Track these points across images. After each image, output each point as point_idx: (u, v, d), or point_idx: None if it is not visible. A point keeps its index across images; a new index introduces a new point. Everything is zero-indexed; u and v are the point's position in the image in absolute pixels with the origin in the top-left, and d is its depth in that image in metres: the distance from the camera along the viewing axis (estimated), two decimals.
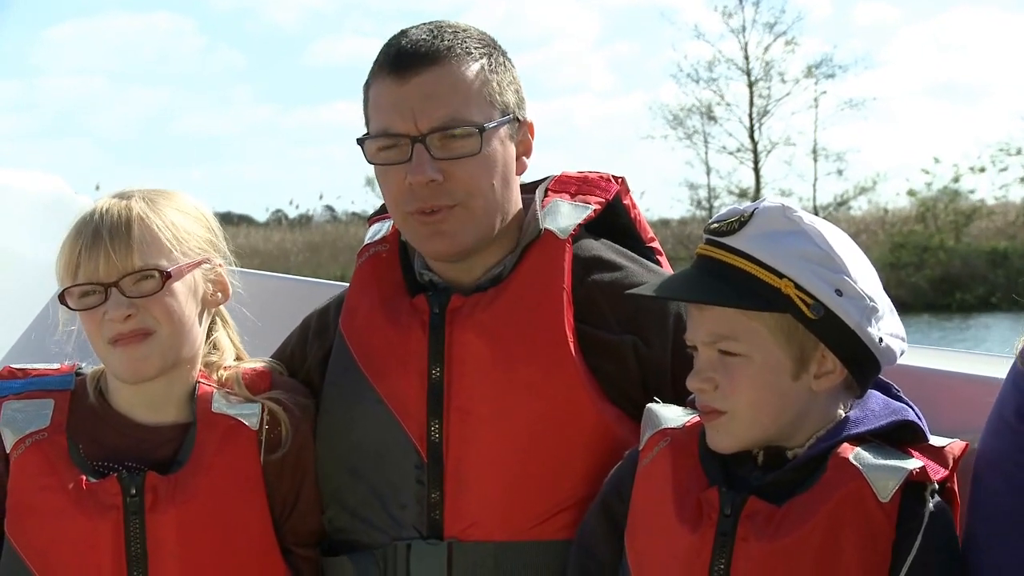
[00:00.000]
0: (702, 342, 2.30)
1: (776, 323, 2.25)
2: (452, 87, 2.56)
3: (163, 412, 2.63)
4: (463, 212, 2.58)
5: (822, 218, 2.34)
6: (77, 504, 2.51)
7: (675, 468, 2.35)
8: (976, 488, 2.27)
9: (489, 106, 2.59)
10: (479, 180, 2.58)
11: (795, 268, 2.24)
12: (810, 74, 39.49)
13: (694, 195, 40.53)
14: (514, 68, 2.68)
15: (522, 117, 2.67)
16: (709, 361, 2.29)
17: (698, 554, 2.25)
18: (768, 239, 2.26)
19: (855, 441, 2.27)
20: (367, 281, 2.73)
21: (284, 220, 43.85)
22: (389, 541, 2.59)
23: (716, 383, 2.28)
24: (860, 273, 2.27)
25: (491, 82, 2.60)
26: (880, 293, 2.31)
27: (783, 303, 2.24)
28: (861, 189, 39.45)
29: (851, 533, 2.20)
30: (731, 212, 2.33)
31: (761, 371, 2.26)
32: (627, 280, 2.66)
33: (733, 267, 2.27)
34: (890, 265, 33.07)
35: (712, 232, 2.32)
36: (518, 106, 2.66)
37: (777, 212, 2.28)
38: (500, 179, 2.61)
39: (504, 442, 2.55)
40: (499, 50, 2.66)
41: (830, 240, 2.27)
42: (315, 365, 2.79)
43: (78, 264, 2.54)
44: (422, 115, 2.55)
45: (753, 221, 2.27)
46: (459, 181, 2.56)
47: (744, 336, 2.26)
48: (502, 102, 2.61)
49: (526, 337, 2.56)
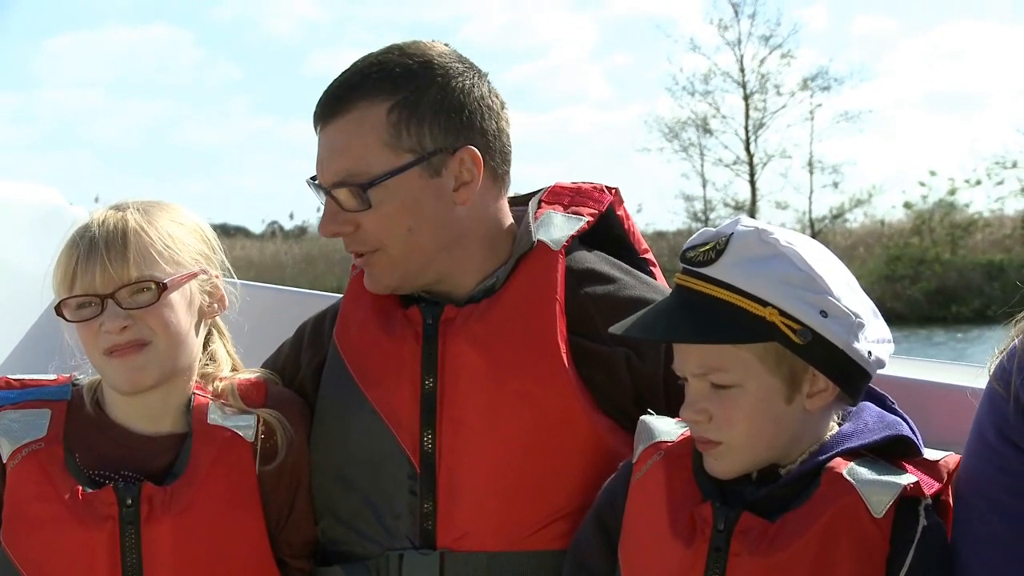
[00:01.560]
0: (692, 374, 2.28)
1: (765, 350, 2.23)
2: (346, 141, 2.59)
3: (159, 423, 2.63)
4: (382, 256, 2.63)
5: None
6: (73, 514, 2.51)
7: (669, 482, 2.34)
8: (959, 508, 2.26)
9: (392, 153, 2.57)
10: (386, 230, 2.60)
11: (778, 295, 2.21)
12: (806, 87, 39.56)
13: (690, 207, 40.49)
14: (457, 92, 2.60)
15: (454, 148, 2.60)
16: (701, 392, 2.27)
17: (691, 569, 2.24)
18: (748, 266, 2.23)
19: (849, 456, 2.26)
20: (361, 292, 2.74)
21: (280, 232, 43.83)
22: (382, 551, 2.59)
23: (710, 414, 2.26)
24: (841, 288, 2.25)
25: (400, 123, 2.57)
26: (862, 301, 2.28)
27: (769, 332, 2.21)
28: (857, 201, 39.38)
29: (845, 548, 2.19)
30: (704, 238, 2.29)
31: (755, 400, 2.25)
32: (620, 293, 2.67)
33: (715, 299, 2.24)
34: (886, 278, 33.05)
35: (689, 262, 2.29)
36: (445, 139, 2.59)
37: (753, 236, 2.24)
38: (417, 221, 2.60)
39: (497, 452, 2.55)
40: (429, 78, 2.59)
41: (808, 260, 2.24)
42: (308, 375, 2.79)
43: (74, 276, 2.55)
44: (324, 170, 2.61)
45: (730, 248, 2.24)
46: (367, 232, 2.61)
47: (734, 367, 2.24)
48: (415, 143, 2.58)
49: (519, 348, 2.57)
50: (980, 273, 33.40)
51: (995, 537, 2.17)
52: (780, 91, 39.64)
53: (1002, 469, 2.17)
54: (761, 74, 39.49)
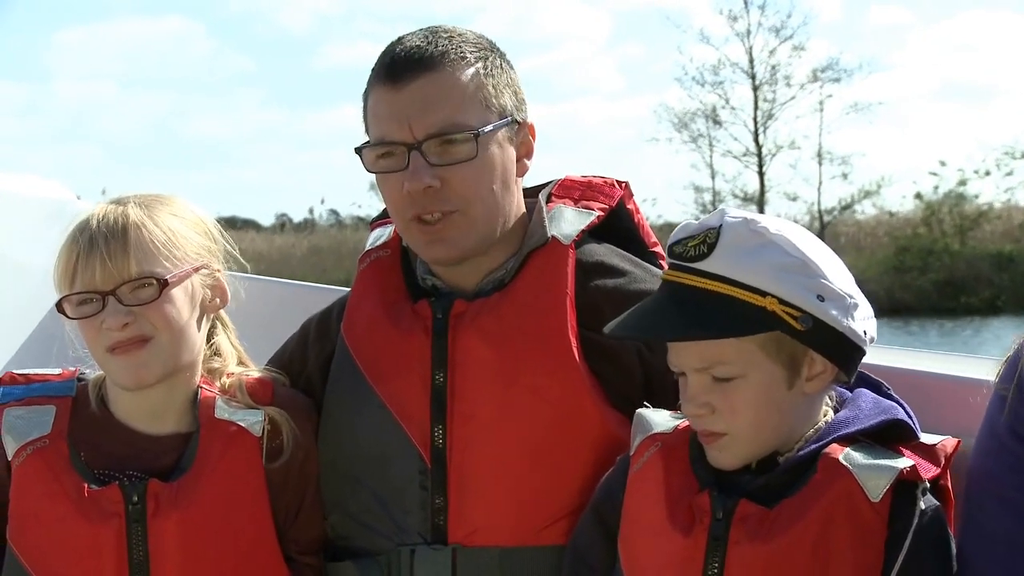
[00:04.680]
0: (693, 368, 2.27)
1: (766, 338, 2.22)
2: (446, 93, 2.55)
3: (164, 420, 2.61)
4: (461, 218, 2.58)
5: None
6: (79, 511, 2.50)
7: (666, 473, 2.33)
8: (968, 506, 2.24)
9: (485, 110, 2.58)
10: (476, 185, 2.57)
11: (776, 283, 2.20)
12: (816, 78, 39.50)
13: (699, 198, 40.53)
14: (512, 70, 2.67)
15: (521, 119, 2.66)
16: (702, 386, 2.26)
17: (691, 558, 2.24)
18: (742, 257, 2.21)
19: (845, 441, 2.26)
20: (369, 286, 2.73)
21: (289, 224, 43.89)
22: (393, 547, 2.59)
23: (713, 407, 2.25)
24: (832, 271, 2.24)
25: (486, 86, 2.59)
26: (850, 280, 2.28)
27: (771, 322, 2.20)
28: (866, 193, 39.39)
29: (843, 533, 2.18)
30: (688, 231, 2.27)
31: (758, 389, 2.24)
32: (630, 286, 2.66)
33: (711, 292, 2.22)
34: (894, 268, 33.07)
35: (679, 257, 2.26)
36: (516, 108, 2.64)
37: (742, 227, 2.23)
38: (499, 183, 2.61)
39: (508, 447, 2.54)
40: (496, 52, 2.65)
41: (799, 245, 2.23)
42: (315, 370, 2.78)
43: (75, 272, 2.53)
44: (417, 122, 2.54)
45: (721, 241, 2.22)
46: (456, 187, 2.56)
47: (736, 358, 2.23)
48: (499, 105, 2.60)
49: (529, 343, 2.56)
50: (989, 264, 33.39)
51: (1005, 535, 2.16)
52: (790, 82, 39.69)
53: (1013, 468, 2.16)
54: (771, 65, 39.51)
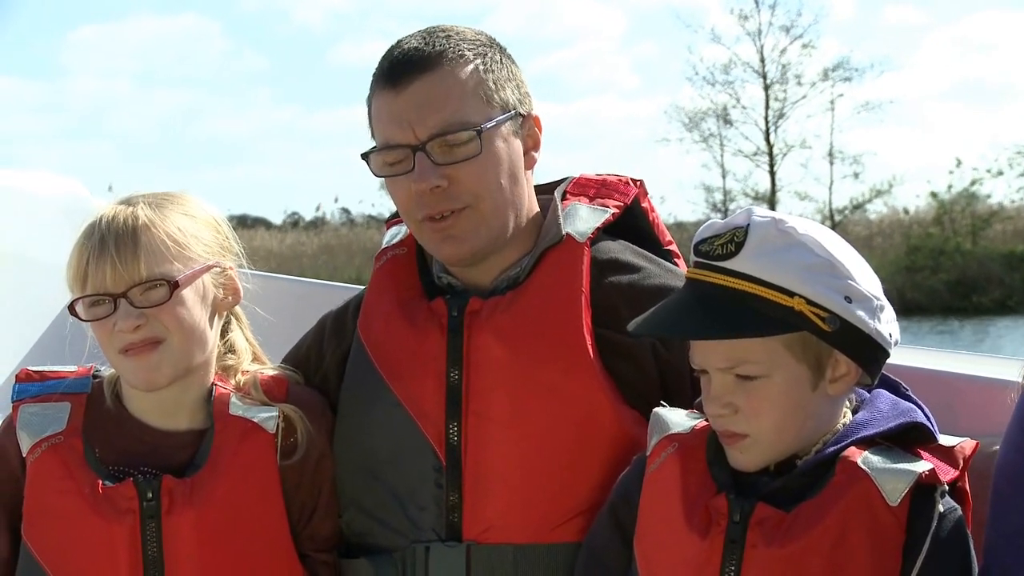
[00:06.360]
0: (717, 368, 2.26)
1: (792, 338, 2.21)
2: (446, 92, 2.56)
3: (178, 418, 2.62)
4: (472, 214, 2.58)
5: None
6: (93, 508, 2.50)
7: (683, 474, 2.32)
8: (996, 501, 2.22)
9: (486, 106, 2.58)
10: (484, 181, 2.58)
11: (804, 283, 2.19)
12: (827, 77, 39.43)
13: (710, 198, 40.47)
14: (514, 64, 2.67)
15: (525, 112, 2.66)
16: (726, 386, 2.25)
17: (708, 561, 2.23)
18: (769, 257, 2.21)
19: (863, 444, 2.25)
20: (385, 284, 2.73)
21: (300, 222, 43.89)
22: (408, 543, 2.59)
23: (736, 407, 2.24)
24: (859, 272, 2.24)
25: (486, 81, 2.59)
26: (876, 283, 2.27)
27: (798, 322, 2.19)
28: (877, 192, 39.30)
29: (861, 537, 2.18)
30: (715, 230, 2.27)
31: (782, 389, 2.23)
32: (645, 281, 2.66)
33: (739, 292, 2.21)
34: (906, 268, 32.96)
35: (705, 255, 2.26)
36: (520, 102, 2.64)
37: (770, 226, 2.22)
38: (507, 177, 2.61)
39: (522, 445, 2.54)
40: (495, 47, 2.65)
41: (827, 246, 2.22)
42: (332, 366, 2.78)
43: (86, 275, 2.52)
44: (419, 123, 2.55)
45: (749, 240, 2.22)
46: (464, 184, 2.56)
47: (762, 358, 2.22)
48: (500, 100, 2.60)
49: (545, 341, 2.56)
50: (1001, 263, 33.29)
51: None
52: (801, 81, 39.60)
53: None
54: (781, 64, 39.44)
